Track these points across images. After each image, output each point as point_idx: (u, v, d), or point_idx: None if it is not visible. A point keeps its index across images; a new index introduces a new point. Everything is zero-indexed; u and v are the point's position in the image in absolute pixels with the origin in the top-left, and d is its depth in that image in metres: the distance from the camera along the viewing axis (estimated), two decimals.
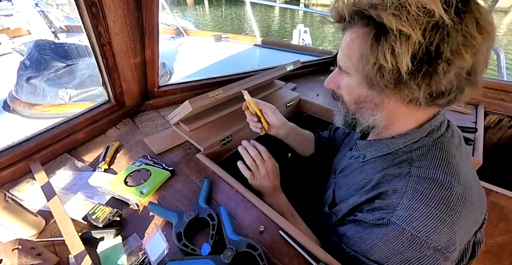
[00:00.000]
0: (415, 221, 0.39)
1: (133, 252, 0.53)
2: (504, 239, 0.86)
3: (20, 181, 0.72)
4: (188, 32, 3.70)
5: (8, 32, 3.55)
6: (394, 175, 0.46)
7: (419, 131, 0.46)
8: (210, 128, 0.90)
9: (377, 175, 0.49)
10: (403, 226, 0.40)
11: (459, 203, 0.40)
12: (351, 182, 0.57)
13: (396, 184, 0.45)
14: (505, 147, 1.21)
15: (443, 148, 0.46)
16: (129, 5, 0.69)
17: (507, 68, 1.41)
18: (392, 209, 0.42)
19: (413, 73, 0.36)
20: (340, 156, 0.74)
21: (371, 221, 0.45)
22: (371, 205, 0.47)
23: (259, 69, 1.27)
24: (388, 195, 0.45)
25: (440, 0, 0.32)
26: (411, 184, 0.43)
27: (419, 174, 0.43)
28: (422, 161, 0.45)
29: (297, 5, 14.08)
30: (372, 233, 0.44)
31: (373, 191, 0.48)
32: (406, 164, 0.46)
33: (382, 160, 0.51)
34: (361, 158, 0.57)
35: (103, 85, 0.91)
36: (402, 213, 0.41)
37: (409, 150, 0.48)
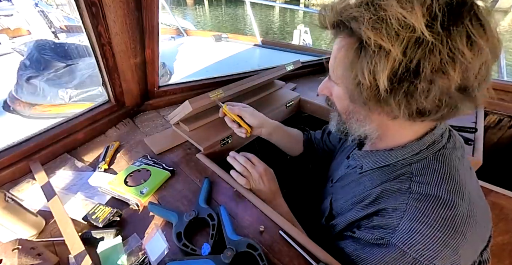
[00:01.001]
0: (417, 244, 0.37)
1: (133, 252, 0.53)
2: (504, 239, 0.86)
3: (20, 181, 0.72)
4: (188, 32, 3.70)
5: (8, 32, 3.55)
6: (393, 190, 0.44)
7: (419, 143, 0.44)
8: (210, 128, 0.90)
9: (376, 189, 0.47)
10: (404, 249, 0.38)
11: (463, 224, 0.37)
12: (349, 194, 0.55)
13: (395, 201, 0.42)
14: (505, 147, 1.21)
15: (445, 161, 0.43)
16: (129, 5, 0.69)
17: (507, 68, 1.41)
18: (392, 230, 0.40)
19: (393, 91, 0.34)
20: (337, 163, 0.72)
21: (370, 240, 0.43)
22: (370, 223, 0.45)
23: (259, 69, 1.27)
24: (388, 213, 0.42)
25: (423, 14, 0.29)
26: (411, 202, 0.40)
27: (419, 191, 0.40)
28: (423, 176, 0.42)
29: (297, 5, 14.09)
30: (371, 252, 0.42)
31: (371, 207, 0.46)
32: (405, 178, 0.43)
33: (380, 172, 0.49)
34: (358, 169, 0.54)
35: (103, 85, 0.91)
36: (402, 235, 0.38)
37: (408, 162, 0.45)
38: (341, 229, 0.54)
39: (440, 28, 0.29)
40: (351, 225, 0.51)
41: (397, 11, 0.29)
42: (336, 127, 0.53)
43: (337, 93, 0.45)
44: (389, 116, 0.40)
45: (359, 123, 0.45)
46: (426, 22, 0.29)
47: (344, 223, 0.52)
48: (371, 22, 0.31)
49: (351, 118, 0.46)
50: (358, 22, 0.33)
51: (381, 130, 0.45)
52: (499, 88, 1.12)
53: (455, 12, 0.30)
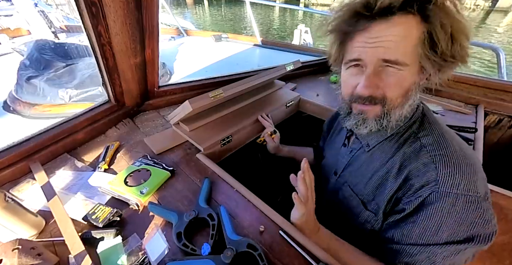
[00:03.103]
0: (460, 183, 0.42)
1: (133, 252, 0.53)
2: (504, 239, 0.86)
3: (20, 181, 0.72)
4: (188, 32, 3.70)
5: (8, 32, 3.54)
6: (411, 152, 0.49)
7: (414, 106, 0.50)
8: (210, 128, 0.90)
9: (395, 158, 0.51)
10: (454, 192, 0.42)
11: (471, 154, 0.46)
12: (368, 172, 0.56)
13: (419, 159, 0.47)
14: (505, 147, 1.21)
15: (431, 116, 0.53)
16: (129, 5, 0.69)
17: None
18: (435, 182, 0.43)
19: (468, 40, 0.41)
20: (333, 156, 0.72)
21: (420, 204, 0.45)
22: (410, 189, 0.47)
23: (259, 69, 1.27)
24: (420, 171, 0.46)
25: None
26: (432, 153, 0.46)
27: (430, 142, 0.48)
28: (424, 130, 0.50)
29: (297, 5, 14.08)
30: (429, 215, 0.44)
31: (401, 174, 0.49)
32: (413, 138, 0.50)
33: (388, 143, 0.54)
34: (366, 147, 0.57)
35: (103, 85, 0.91)
36: (446, 181, 0.43)
37: (408, 126, 0.52)
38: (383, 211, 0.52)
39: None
40: (390, 200, 0.51)
41: None
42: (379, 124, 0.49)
43: (400, 77, 0.44)
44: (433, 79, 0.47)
45: (413, 98, 0.48)
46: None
47: (385, 200, 0.51)
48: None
49: (410, 97, 0.47)
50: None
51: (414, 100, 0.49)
52: (499, 88, 1.12)
53: None
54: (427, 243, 0.45)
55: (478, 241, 0.42)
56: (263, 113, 1.01)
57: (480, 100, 1.15)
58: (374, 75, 0.44)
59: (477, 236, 0.42)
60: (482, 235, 0.42)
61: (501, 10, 14.73)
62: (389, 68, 0.44)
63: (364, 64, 0.45)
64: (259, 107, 1.04)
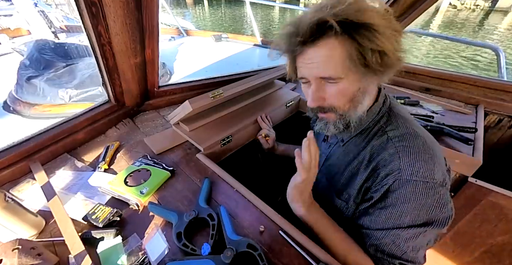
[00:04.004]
0: (419, 170, 0.46)
1: (133, 252, 0.53)
2: (504, 239, 0.86)
3: (20, 181, 0.72)
4: (188, 32, 3.70)
5: (8, 32, 3.54)
6: (378, 145, 0.54)
7: (377, 104, 0.55)
8: (210, 128, 0.90)
9: (365, 150, 0.56)
10: (414, 179, 0.46)
11: (434, 144, 0.51)
12: (342, 165, 0.61)
13: (385, 150, 0.51)
14: (505, 147, 1.21)
15: (399, 110, 0.56)
16: (129, 5, 0.69)
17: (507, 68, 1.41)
18: (398, 170, 0.48)
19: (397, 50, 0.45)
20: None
21: (386, 191, 0.49)
22: (377, 178, 0.51)
23: (259, 69, 1.27)
24: (386, 161, 0.50)
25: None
26: (396, 144, 0.50)
27: (396, 134, 0.52)
28: (391, 124, 0.54)
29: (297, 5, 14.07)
30: (393, 202, 0.48)
31: (370, 166, 0.53)
32: (381, 132, 0.54)
33: (358, 137, 0.58)
34: (341, 142, 0.63)
35: (103, 85, 0.91)
36: (407, 169, 0.47)
37: (376, 121, 0.56)
38: (353, 199, 0.57)
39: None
40: (360, 189, 0.55)
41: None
42: (339, 126, 0.55)
43: (340, 88, 0.49)
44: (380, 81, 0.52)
45: (362, 101, 0.51)
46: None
47: (354, 190, 0.56)
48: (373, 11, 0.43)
49: (357, 101, 0.51)
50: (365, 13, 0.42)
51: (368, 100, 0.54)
52: (499, 88, 1.12)
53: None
54: (392, 227, 0.49)
55: (436, 224, 0.47)
56: (263, 114, 1.01)
57: (480, 100, 1.15)
58: (317, 90, 0.51)
59: (436, 220, 0.47)
60: (439, 218, 0.47)
61: (501, 10, 14.73)
62: (327, 83, 0.50)
63: (308, 81, 0.52)
64: (259, 107, 1.04)
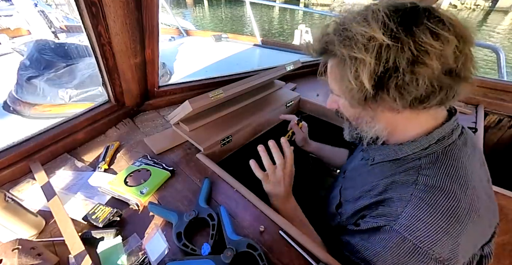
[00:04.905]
0: (418, 231, 0.39)
1: (133, 252, 0.53)
2: (504, 239, 0.86)
3: (20, 181, 0.72)
4: (188, 32, 3.70)
5: (8, 32, 3.54)
6: (401, 182, 0.46)
7: (428, 138, 0.46)
8: (210, 128, 0.90)
9: (384, 180, 0.50)
10: (405, 235, 0.40)
11: (464, 216, 0.39)
12: (358, 183, 0.58)
13: (401, 191, 0.44)
14: (505, 147, 1.21)
15: (452, 157, 0.45)
16: (129, 5, 0.69)
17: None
18: (395, 217, 0.42)
19: (383, 87, 0.40)
20: (353, 157, 0.76)
21: (373, 228, 0.45)
22: (374, 211, 0.48)
23: (259, 69, 1.27)
24: (393, 202, 0.45)
25: (379, 27, 0.37)
26: (416, 192, 0.42)
27: (425, 183, 0.43)
28: (431, 169, 0.44)
29: (297, 5, 14.08)
30: (374, 241, 0.45)
31: (379, 196, 0.48)
32: (413, 171, 0.46)
33: (390, 165, 0.51)
34: (370, 161, 0.57)
35: (103, 85, 0.91)
36: (404, 221, 0.41)
37: (417, 156, 0.47)
38: (347, 217, 0.56)
39: (400, 32, 0.36)
40: (357, 213, 0.53)
41: (358, 29, 0.38)
42: (349, 135, 0.57)
43: (343, 104, 0.51)
44: (392, 110, 0.45)
45: (368, 125, 0.49)
46: (383, 31, 0.37)
47: (351, 211, 0.55)
48: (342, 42, 0.40)
49: (361, 122, 0.50)
50: (333, 44, 0.42)
51: (390, 127, 0.48)
52: (499, 88, 1.12)
53: (410, 17, 0.37)
54: (361, 260, 0.47)
55: None
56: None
57: (480, 100, 1.15)
58: (331, 96, 0.54)
59: None
60: None
61: (501, 10, 14.73)
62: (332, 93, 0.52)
63: None
64: (259, 107, 1.04)
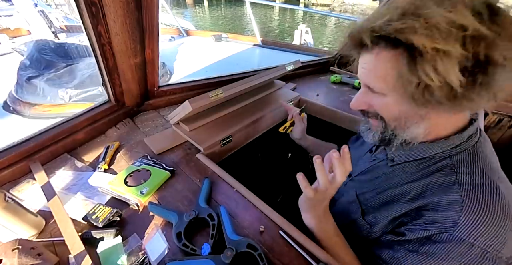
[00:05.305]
0: (484, 234, 0.37)
1: (133, 252, 0.53)
2: None
3: (20, 181, 0.72)
4: (188, 32, 3.70)
5: (8, 32, 3.54)
6: (439, 183, 0.44)
7: (461, 135, 0.44)
8: (210, 128, 0.90)
9: (418, 183, 0.47)
10: (470, 241, 0.37)
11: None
12: (381, 186, 0.54)
13: (446, 194, 0.42)
14: (505, 147, 1.21)
15: (482, 153, 0.45)
16: (129, 5, 0.69)
17: None
18: (452, 223, 0.39)
19: (469, 85, 0.35)
20: (354, 157, 0.69)
21: (424, 238, 0.42)
22: (419, 218, 0.43)
23: (259, 69, 1.27)
24: (441, 206, 0.42)
25: (471, 13, 0.32)
26: (466, 193, 0.40)
27: (468, 182, 0.41)
28: (466, 167, 0.43)
29: (297, 5, 14.08)
30: (429, 251, 0.41)
31: (417, 201, 0.45)
32: (449, 170, 0.44)
33: (415, 165, 0.49)
34: (389, 161, 0.54)
35: (103, 85, 0.91)
36: (466, 227, 0.38)
37: (447, 155, 0.46)
38: (380, 227, 0.51)
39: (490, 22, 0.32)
40: (393, 221, 0.49)
41: (444, 16, 0.32)
42: (379, 137, 0.50)
43: (385, 103, 0.44)
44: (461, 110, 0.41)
45: (414, 125, 0.44)
46: (478, 20, 0.32)
47: (385, 219, 0.50)
48: (422, 30, 0.33)
49: (405, 123, 0.45)
50: (404, 33, 0.34)
51: (433, 126, 0.45)
52: None
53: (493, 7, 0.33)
54: None
55: None
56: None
57: None
58: (363, 95, 0.47)
59: None
60: None
61: None
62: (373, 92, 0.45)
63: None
64: (259, 107, 1.04)
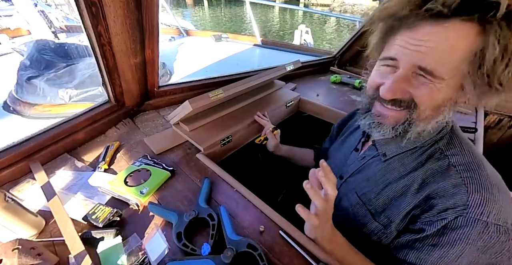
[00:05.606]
0: (492, 211, 0.39)
1: (133, 252, 0.53)
2: None
3: (20, 181, 0.72)
4: (188, 32, 3.70)
5: (8, 32, 3.54)
6: (436, 169, 0.45)
7: (442, 121, 0.44)
8: (210, 128, 0.90)
9: (417, 172, 0.47)
10: (484, 219, 0.38)
11: (500, 179, 0.43)
12: (381, 183, 0.53)
13: (447, 180, 0.43)
14: (505, 147, 1.21)
15: (460, 134, 0.48)
16: (129, 5, 0.69)
17: None
18: (463, 206, 0.40)
19: None
20: (339, 159, 0.68)
21: (442, 227, 0.41)
22: (431, 209, 0.43)
23: (259, 69, 1.27)
24: (447, 192, 0.42)
25: None
26: (463, 174, 0.42)
27: (460, 162, 0.44)
28: (453, 148, 0.46)
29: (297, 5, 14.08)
30: (452, 241, 0.40)
31: (422, 192, 0.45)
32: (439, 155, 0.46)
33: (409, 155, 0.50)
34: (382, 156, 0.54)
35: (103, 85, 0.91)
36: (476, 206, 0.39)
37: (433, 141, 0.48)
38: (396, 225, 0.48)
39: None
40: (406, 216, 0.47)
41: None
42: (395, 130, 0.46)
43: (436, 89, 0.39)
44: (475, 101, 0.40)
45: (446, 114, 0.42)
46: None
47: (399, 216, 0.48)
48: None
49: (442, 111, 0.42)
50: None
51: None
52: None
53: None
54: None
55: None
56: (259, 112, 1.00)
57: None
58: (403, 80, 0.40)
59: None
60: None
61: None
62: (421, 77, 0.39)
63: (397, 65, 0.41)
64: (259, 107, 1.04)
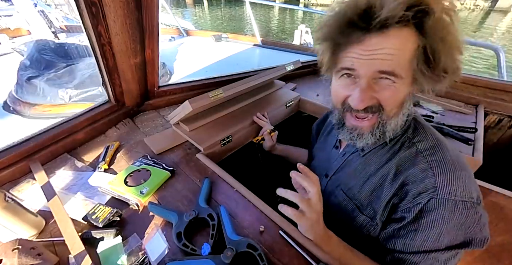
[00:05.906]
0: (458, 189, 0.43)
1: (133, 252, 0.53)
2: (504, 239, 0.86)
3: (20, 181, 0.72)
4: (188, 32, 3.70)
5: (8, 32, 3.54)
6: (406, 157, 0.49)
7: (408, 113, 0.50)
8: (210, 128, 0.90)
9: (391, 163, 0.51)
10: (452, 198, 0.42)
11: (460, 157, 0.48)
12: (362, 177, 0.56)
13: (416, 165, 0.47)
14: (505, 147, 1.21)
15: (421, 121, 0.53)
16: (129, 5, 0.69)
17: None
18: (432, 188, 0.44)
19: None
20: (323, 158, 0.72)
21: (419, 212, 0.45)
22: (407, 196, 0.47)
23: (259, 69, 1.27)
24: (417, 177, 0.46)
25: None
26: (428, 158, 0.46)
27: (425, 147, 0.48)
28: (418, 135, 0.50)
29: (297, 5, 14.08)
30: (429, 223, 0.44)
31: (397, 180, 0.49)
32: (408, 143, 0.50)
33: (382, 147, 0.54)
34: (360, 152, 0.58)
35: (103, 85, 0.91)
36: (444, 187, 0.43)
37: (403, 131, 0.52)
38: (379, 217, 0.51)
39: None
40: (387, 205, 0.50)
41: None
42: (373, 136, 0.50)
43: (397, 89, 0.43)
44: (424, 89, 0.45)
45: (407, 107, 0.48)
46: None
47: (381, 206, 0.51)
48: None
49: (404, 107, 0.47)
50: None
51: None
52: (499, 88, 1.12)
53: None
54: (429, 250, 0.45)
55: (474, 244, 0.44)
56: (258, 113, 1.00)
57: (480, 100, 1.15)
58: (368, 88, 0.44)
59: (474, 239, 0.44)
60: (478, 238, 0.44)
61: (501, 10, 14.73)
62: (383, 80, 0.43)
63: (357, 75, 0.44)
64: (259, 107, 1.04)
